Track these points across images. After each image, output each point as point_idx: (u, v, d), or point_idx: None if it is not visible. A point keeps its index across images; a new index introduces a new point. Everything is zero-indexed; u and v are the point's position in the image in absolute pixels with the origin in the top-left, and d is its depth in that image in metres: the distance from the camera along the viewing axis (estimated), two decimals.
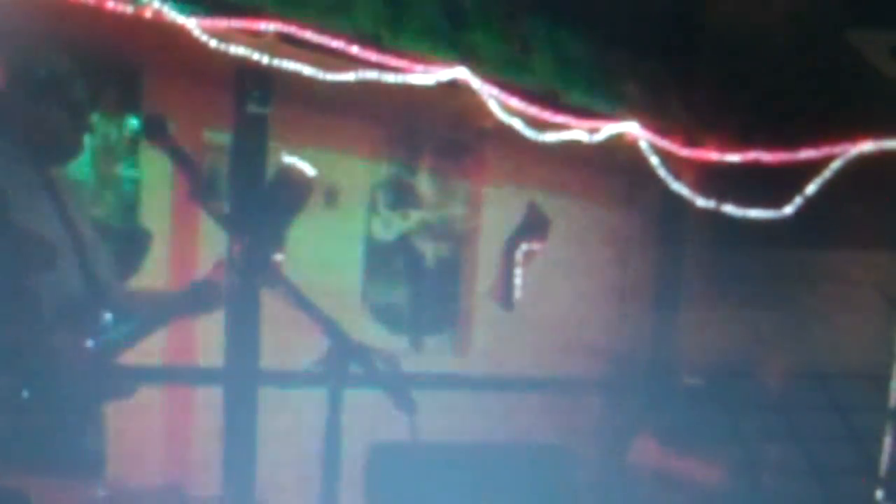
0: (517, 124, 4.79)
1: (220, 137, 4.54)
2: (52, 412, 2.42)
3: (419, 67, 4.40)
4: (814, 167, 5.15)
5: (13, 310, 2.36)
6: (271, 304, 3.75)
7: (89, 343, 2.60)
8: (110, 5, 3.60)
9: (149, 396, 4.38)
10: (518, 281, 5.79)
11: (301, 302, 2.49)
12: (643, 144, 5.29)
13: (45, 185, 2.78)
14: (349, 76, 4.25)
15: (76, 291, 2.71)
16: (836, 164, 5.11)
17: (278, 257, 2.58)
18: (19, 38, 3.01)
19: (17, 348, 2.39)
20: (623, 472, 5.87)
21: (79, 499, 2.15)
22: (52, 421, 2.43)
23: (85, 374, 2.55)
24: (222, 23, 3.86)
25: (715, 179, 5.57)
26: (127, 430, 3.32)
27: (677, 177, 5.47)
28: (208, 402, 4.55)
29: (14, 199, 2.46)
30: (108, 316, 2.73)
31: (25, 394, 2.38)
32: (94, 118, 4.00)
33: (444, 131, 5.43)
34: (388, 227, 5.35)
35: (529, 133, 4.84)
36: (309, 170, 2.88)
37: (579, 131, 5.04)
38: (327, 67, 4.18)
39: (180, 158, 2.67)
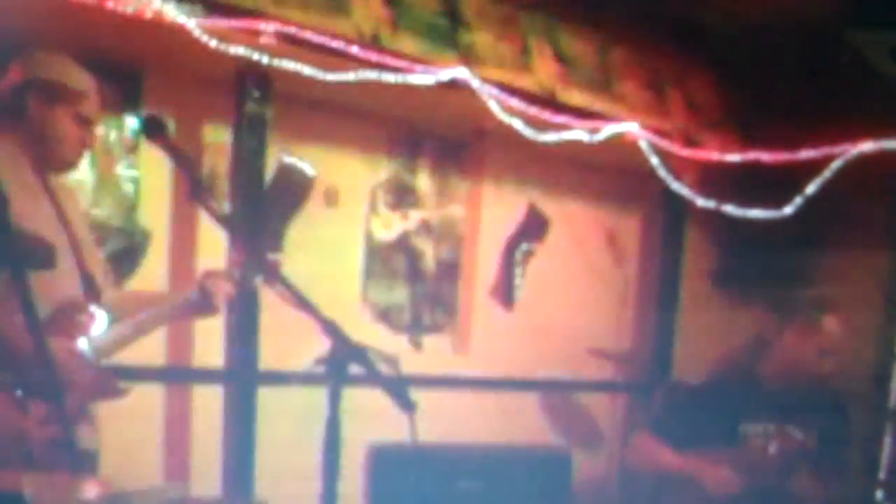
0: (517, 124, 4.79)
1: (220, 137, 4.54)
2: (45, 412, 2.42)
3: (419, 67, 4.40)
4: (814, 167, 5.14)
5: (9, 309, 2.36)
6: (271, 304, 3.76)
7: (84, 343, 2.60)
8: (110, 5, 3.60)
9: (146, 396, 4.39)
10: (518, 281, 5.79)
11: (300, 302, 2.49)
12: (643, 144, 5.29)
13: (44, 186, 2.78)
14: (349, 76, 4.25)
15: (73, 292, 2.71)
16: (836, 164, 5.10)
17: (277, 257, 2.58)
18: (23, 42, 3.01)
19: (11, 348, 2.39)
20: (623, 472, 5.88)
21: (73, 498, 2.15)
22: (46, 420, 2.43)
23: (79, 374, 2.55)
24: (222, 23, 3.86)
25: (715, 179, 5.57)
26: (123, 431, 3.32)
27: (677, 177, 5.47)
28: (207, 402, 4.55)
29: (12, 200, 2.45)
30: (103, 316, 2.73)
31: (19, 392, 2.38)
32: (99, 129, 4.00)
33: (444, 131, 5.43)
34: (388, 227, 5.35)
35: (529, 133, 4.84)
36: (308, 169, 2.88)
37: (579, 131, 5.03)
38: (327, 67, 4.18)
39: (179, 158, 2.68)
